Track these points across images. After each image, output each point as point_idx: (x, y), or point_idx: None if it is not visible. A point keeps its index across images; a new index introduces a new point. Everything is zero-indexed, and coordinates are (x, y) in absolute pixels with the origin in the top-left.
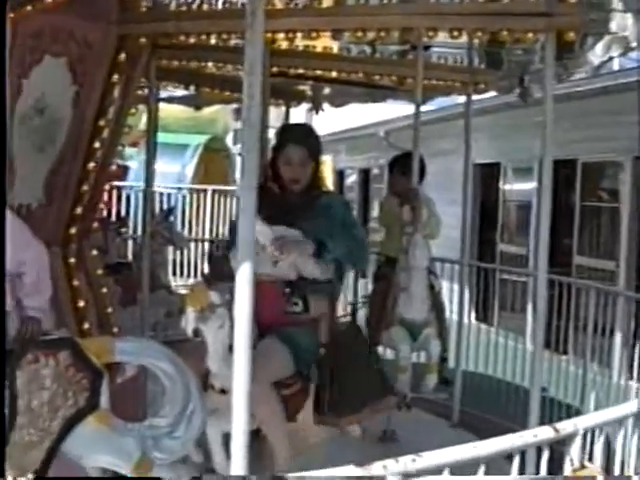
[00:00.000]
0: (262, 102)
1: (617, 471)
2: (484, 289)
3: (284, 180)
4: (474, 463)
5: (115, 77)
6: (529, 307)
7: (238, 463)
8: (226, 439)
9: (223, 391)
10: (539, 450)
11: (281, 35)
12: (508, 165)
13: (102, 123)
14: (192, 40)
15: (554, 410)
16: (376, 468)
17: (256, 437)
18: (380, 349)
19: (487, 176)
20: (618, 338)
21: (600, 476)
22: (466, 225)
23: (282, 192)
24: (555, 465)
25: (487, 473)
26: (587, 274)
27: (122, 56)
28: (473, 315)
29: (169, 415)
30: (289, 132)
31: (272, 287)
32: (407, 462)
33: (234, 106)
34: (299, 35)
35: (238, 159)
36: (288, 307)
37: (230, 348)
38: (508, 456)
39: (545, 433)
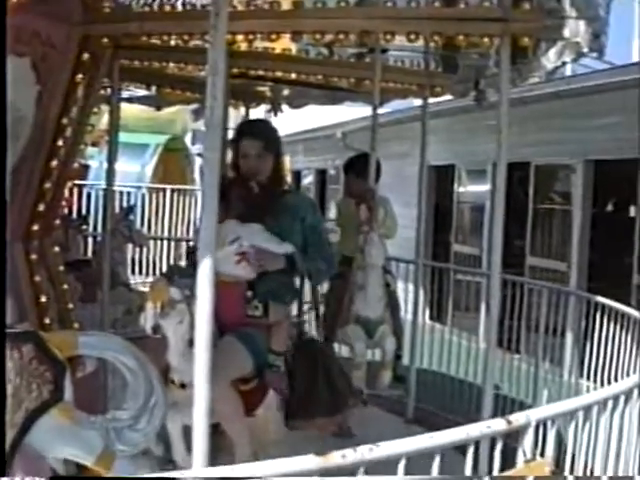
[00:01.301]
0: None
1: (568, 464)
2: (438, 289)
3: (243, 174)
4: (429, 455)
5: (78, 77)
6: (482, 307)
7: (199, 456)
8: (186, 432)
9: (183, 385)
10: (492, 443)
11: (241, 37)
12: (462, 167)
13: (65, 122)
14: (154, 41)
15: (507, 407)
16: (335, 457)
17: (215, 431)
18: (336, 346)
19: (442, 178)
20: (569, 337)
21: (549, 468)
22: (421, 226)
23: (245, 187)
24: (508, 458)
25: (441, 465)
26: (539, 275)
27: (85, 56)
28: (427, 314)
29: (131, 408)
30: (245, 126)
31: (234, 288)
32: (365, 452)
33: (193, 107)
34: (258, 37)
35: (197, 159)
36: (248, 310)
37: (190, 343)
38: (462, 451)
39: (498, 424)
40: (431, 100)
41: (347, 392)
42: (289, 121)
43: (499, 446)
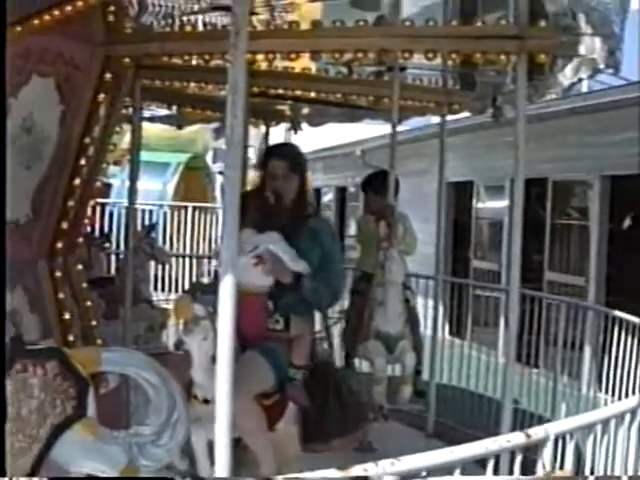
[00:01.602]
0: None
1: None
2: (457, 304)
3: (269, 194)
4: (449, 468)
5: (101, 96)
6: (501, 322)
7: (222, 470)
8: (210, 447)
9: (206, 401)
10: (512, 457)
11: (261, 56)
12: (481, 184)
13: (87, 141)
14: (175, 60)
15: (526, 421)
16: (356, 471)
17: (238, 446)
18: (356, 362)
19: (460, 194)
20: (587, 351)
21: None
22: (440, 242)
23: (270, 207)
24: (527, 470)
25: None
26: (558, 289)
27: (108, 76)
28: (447, 329)
29: (154, 424)
30: (272, 148)
31: (255, 301)
32: (386, 466)
33: (213, 125)
34: (278, 56)
35: (218, 177)
36: (269, 324)
37: (213, 359)
38: (482, 464)
39: (517, 438)
40: (449, 117)
41: (360, 410)
42: (309, 139)
43: (518, 459)
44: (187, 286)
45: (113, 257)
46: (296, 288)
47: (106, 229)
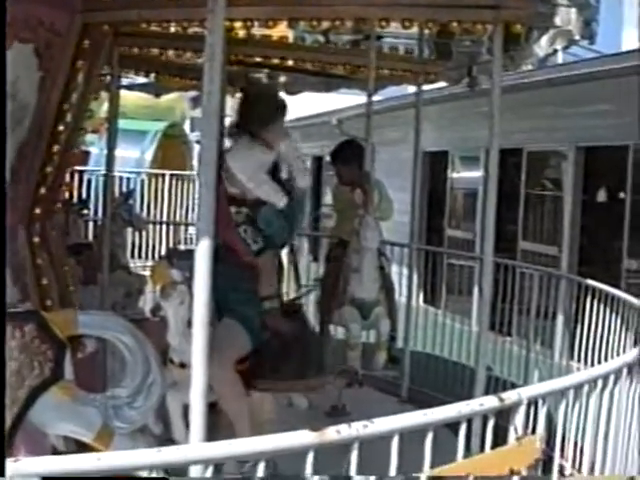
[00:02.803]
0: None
1: (558, 442)
2: (432, 273)
3: None
4: (422, 432)
5: (79, 63)
6: (475, 290)
7: (196, 434)
8: (185, 411)
9: (182, 365)
10: (484, 421)
11: (238, 24)
12: (456, 154)
13: (66, 107)
14: (153, 28)
15: (499, 388)
16: (330, 433)
17: (213, 410)
18: (332, 328)
19: (435, 164)
20: (560, 320)
21: (540, 445)
22: (415, 211)
23: None
24: (499, 437)
25: (434, 443)
26: (531, 259)
27: (86, 43)
28: (421, 297)
29: (129, 386)
30: None
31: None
32: (359, 428)
33: (191, 94)
34: (256, 23)
35: (195, 146)
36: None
37: (189, 323)
38: (454, 430)
39: (491, 402)
40: (425, 87)
41: (321, 362)
42: None
43: (491, 424)
44: (164, 253)
45: (91, 224)
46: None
47: (84, 196)
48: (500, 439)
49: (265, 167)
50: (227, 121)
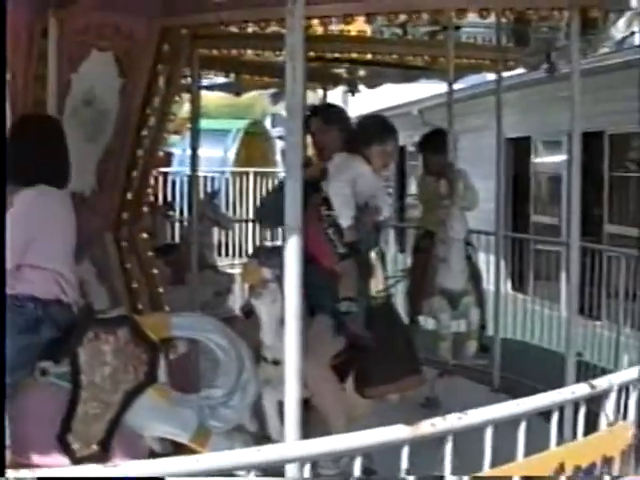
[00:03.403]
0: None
1: None
2: (519, 259)
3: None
4: (515, 421)
5: (159, 67)
6: (563, 275)
7: (292, 430)
8: (280, 408)
9: (276, 362)
10: (576, 409)
11: (316, 20)
12: (538, 139)
13: (148, 112)
14: (231, 29)
15: (589, 373)
16: (424, 426)
17: (306, 405)
18: (421, 319)
19: (518, 150)
20: None
21: (631, 431)
22: (500, 198)
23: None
24: (591, 423)
25: (527, 431)
26: (617, 241)
27: (165, 47)
28: (509, 285)
29: (224, 386)
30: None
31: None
32: (453, 420)
33: (271, 91)
34: (334, 20)
35: (277, 142)
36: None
37: (282, 321)
38: (546, 417)
39: (582, 390)
40: (504, 74)
41: (408, 362)
42: (366, 101)
43: (582, 411)
44: (251, 251)
45: (177, 224)
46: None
47: (169, 197)
48: (592, 425)
49: (354, 181)
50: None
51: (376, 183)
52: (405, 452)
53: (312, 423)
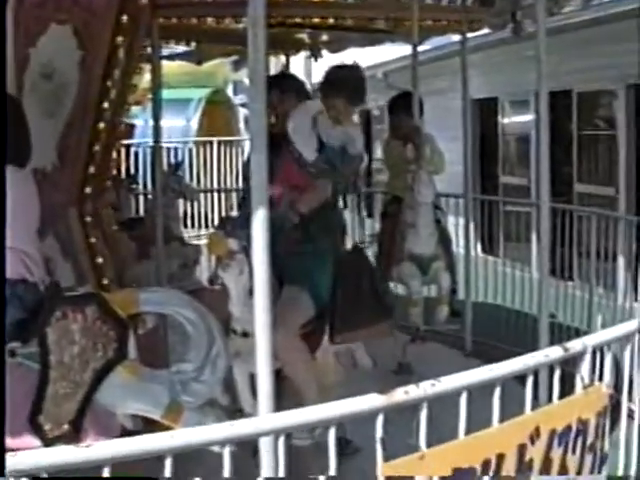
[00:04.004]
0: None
1: (625, 387)
2: (488, 221)
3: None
4: (489, 386)
5: (119, 39)
6: (533, 236)
7: (265, 403)
8: (251, 380)
9: (245, 334)
10: (551, 371)
11: None
12: (505, 99)
13: (109, 84)
14: None
15: (563, 335)
16: (398, 394)
17: (278, 376)
18: (391, 285)
19: (485, 111)
20: (621, 261)
21: (607, 392)
22: (468, 160)
23: None
24: (566, 385)
25: (501, 396)
26: (588, 201)
27: (124, 18)
28: (479, 247)
29: (194, 360)
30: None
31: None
32: (427, 387)
33: (232, 58)
34: None
35: (240, 110)
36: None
37: (250, 292)
38: (521, 381)
39: (555, 352)
40: (469, 35)
41: (388, 298)
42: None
43: (557, 374)
44: (217, 221)
45: (141, 197)
46: None
47: (133, 170)
48: (568, 386)
49: (313, 120)
50: None
51: (348, 130)
52: (380, 421)
53: (285, 394)
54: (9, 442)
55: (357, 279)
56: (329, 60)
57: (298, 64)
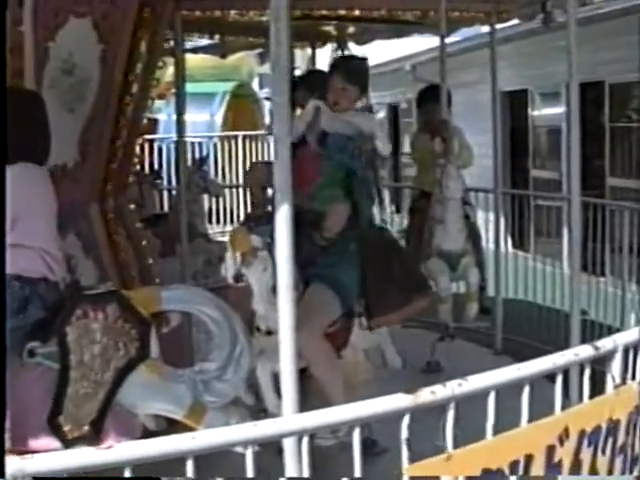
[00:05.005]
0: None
1: None
2: (519, 216)
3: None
4: (518, 385)
5: (141, 32)
6: (565, 231)
7: (289, 402)
8: (276, 380)
9: (269, 332)
10: (581, 370)
11: None
12: (535, 91)
13: (131, 78)
14: None
15: (595, 332)
16: (425, 394)
17: (303, 375)
18: None
19: (515, 103)
20: None
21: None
22: (498, 153)
23: None
24: (597, 385)
25: (531, 395)
26: (620, 195)
27: (146, 10)
28: (510, 243)
29: (217, 359)
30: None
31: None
32: (454, 387)
33: (258, 51)
34: None
35: (266, 103)
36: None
37: (274, 289)
38: (551, 379)
39: (586, 351)
40: (499, 26)
41: (420, 277)
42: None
43: (587, 372)
44: (242, 217)
45: (165, 193)
46: None
47: (156, 165)
48: (600, 385)
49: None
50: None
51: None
52: (405, 421)
53: (310, 393)
54: (28, 444)
55: (386, 260)
56: (355, 52)
57: (324, 57)
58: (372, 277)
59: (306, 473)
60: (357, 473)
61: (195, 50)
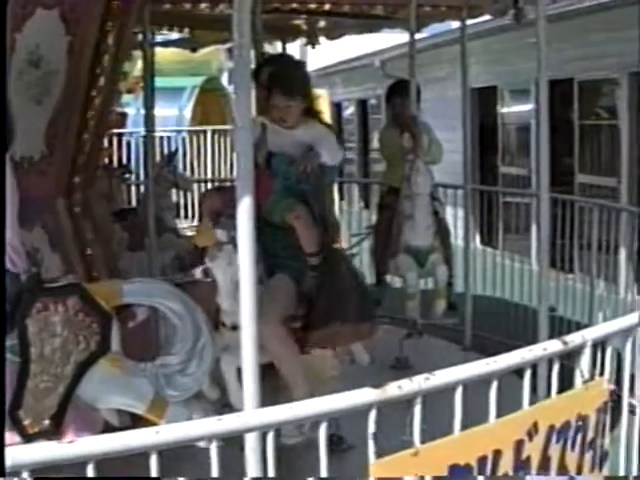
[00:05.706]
0: (256, 39)
1: (626, 382)
2: (488, 213)
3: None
4: (486, 380)
5: (108, 24)
6: (533, 228)
7: (251, 397)
8: (240, 375)
9: (234, 327)
10: (550, 365)
11: None
12: (505, 88)
13: (98, 71)
14: None
15: (563, 328)
16: (391, 389)
17: (270, 371)
18: (388, 278)
19: (484, 100)
20: (623, 254)
21: (607, 387)
22: (467, 150)
23: None
24: (566, 380)
25: (499, 390)
26: (589, 191)
27: (114, 3)
28: (478, 239)
29: (180, 352)
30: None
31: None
32: (421, 381)
33: (228, 45)
34: None
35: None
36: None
37: (238, 284)
38: (519, 374)
39: (554, 346)
40: (469, 22)
41: (370, 301)
42: (326, 53)
43: (556, 368)
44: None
45: (134, 188)
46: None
47: (125, 160)
48: (568, 380)
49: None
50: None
51: (308, 135)
52: (372, 416)
53: (278, 389)
54: None
55: (343, 276)
56: (326, 47)
57: (294, 51)
58: (324, 294)
59: (271, 472)
60: (323, 470)
61: (165, 44)
